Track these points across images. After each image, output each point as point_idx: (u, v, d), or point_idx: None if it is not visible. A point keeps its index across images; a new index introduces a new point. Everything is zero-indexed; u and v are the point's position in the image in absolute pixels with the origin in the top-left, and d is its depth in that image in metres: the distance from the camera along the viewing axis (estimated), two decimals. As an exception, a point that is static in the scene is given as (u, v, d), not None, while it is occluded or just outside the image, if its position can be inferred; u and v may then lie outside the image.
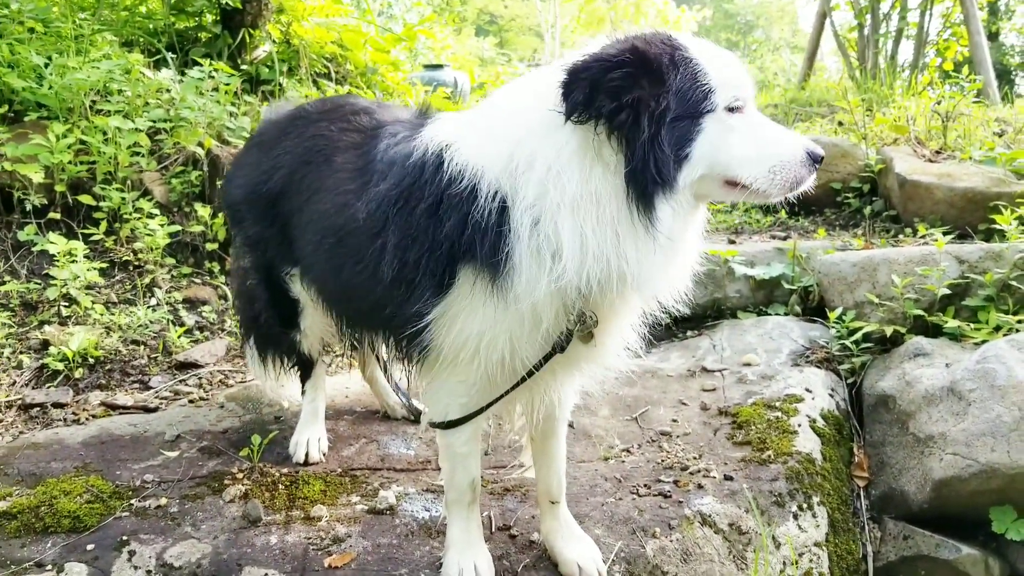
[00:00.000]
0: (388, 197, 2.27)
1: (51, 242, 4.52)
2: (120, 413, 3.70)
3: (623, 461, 3.33)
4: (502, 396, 2.32)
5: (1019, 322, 3.71)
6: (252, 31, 7.07)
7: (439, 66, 11.43)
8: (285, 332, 3.26)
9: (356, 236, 2.39)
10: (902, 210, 5.78)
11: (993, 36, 18.24)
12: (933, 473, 3.24)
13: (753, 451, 3.36)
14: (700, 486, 3.08)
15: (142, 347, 4.27)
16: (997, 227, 4.56)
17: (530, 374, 2.25)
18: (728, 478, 3.16)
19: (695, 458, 3.33)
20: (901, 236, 5.45)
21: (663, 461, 3.31)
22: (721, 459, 3.32)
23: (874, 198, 6.29)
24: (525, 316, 2.09)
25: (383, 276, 2.26)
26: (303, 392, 3.39)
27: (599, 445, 3.46)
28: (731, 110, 1.99)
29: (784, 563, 2.94)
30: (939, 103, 6.79)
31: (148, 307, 4.54)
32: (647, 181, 1.90)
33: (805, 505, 3.14)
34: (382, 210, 2.28)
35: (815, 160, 2.03)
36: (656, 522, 2.84)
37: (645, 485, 3.10)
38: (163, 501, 2.89)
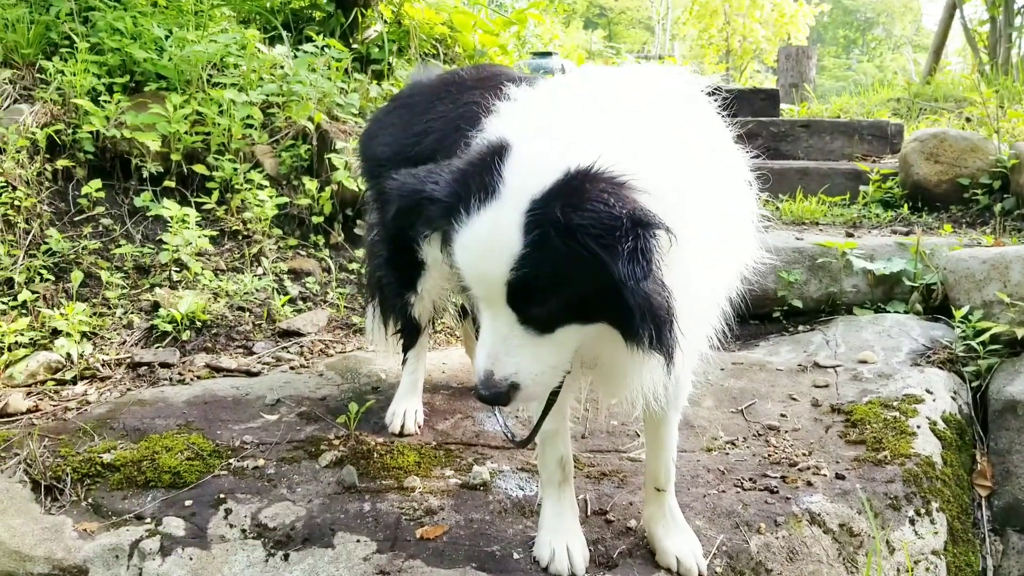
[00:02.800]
0: None
1: (165, 208, 4.63)
2: (224, 375, 3.76)
3: (727, 453, 3.19)
4: (551, 401, 2.21)
5: None
6: (364, 11, 7.12)
7: (548, 54, 11.35)
8: (400, 294, 3.24)
9: None
10: (1036, 208, 5.40)
11: None
12: (1068, 486, 2.98)
13: (868, 451, 3.17)
14: (809, 483, 2.92)
15: (247, 314, 4.34)
16: None
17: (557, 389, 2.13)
18: (840, 477, 2.98)
19: (804, 455, 3.16)
20: (1035, 236, 5.09)
21: (770, 456, 3.15)
22: (832, 457, 3.14)
23: (1005, 195, 5.89)
24: None
25: None
26: (404, 362, 3.36)
27: (702, 436, 3.33)
28: None
29: (898, 570, 2.76)
30: (1083, 96, 6.33)
31: (255, 276, 4.61)
32: None
33: (923, 510, 2.93)
34: None
35: (480, 396, 1.88)
36: (761, 517, 2.70)
37: (750, 479, 2.95)
38: (260, 462, 2.90)
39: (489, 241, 1.76)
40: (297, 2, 7.74)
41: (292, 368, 3.85)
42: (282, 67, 5.86)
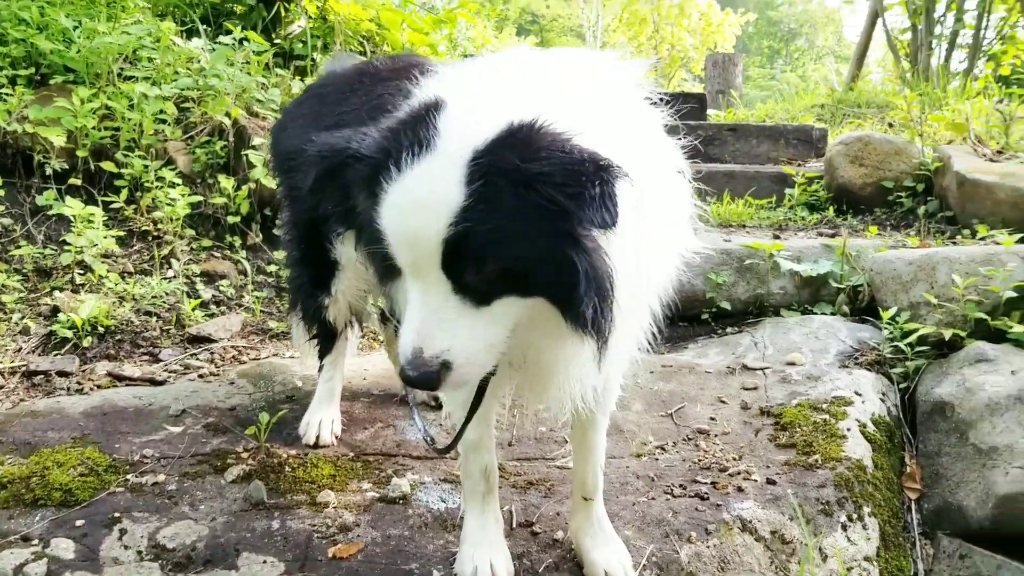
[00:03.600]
0: None
1: (68, 207, 4.36)
2: (126, 385, 3.52)
3: (656, 459, 3.09)
4: (476, 401, 2.06)
5: (1094, 329, 3.42)
6: (287, 5, 6.91)
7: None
8: (313, 295, 3.06)
9: None
10: (959, 211, 5.47)
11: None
12: (996, 487, 2.96)
13: (798, 454, 3.11)
14: (740, 489, 2.83)
15: (155, 319, 4.10)
16: (1065, 230, 4.26)
17: (480, 390, 2.00)
18: (771, 482, 2.90)
19: (735, 459, 3.08)
20: (959, 238, 5.13)
21: (700, 461, 3.07)
22: (763, 461, 3.07)
23: (929, 198, 5.97)
24: None
25: None
26: (320, 368, 3.19)
27: (631, 441, 3.22)
28: None
29: (831, 577, 2.69)
30: (1001, 101, 6.45)
31: (164, 278, 4.37)
32: None
33: (855, 515, 2.87)
34: None
35: (407, 378, 1.67)
36: (692, 525, 2.60)
37: (680, 485, 2.86)
38: (161, 478, 2.69)
39: (424, 195, 1.59)
40: (218, -6, 7.47)
41: (201, 376, 3.63)
42: (199, 61, 5.61)
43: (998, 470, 2.99)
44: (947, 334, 3.69)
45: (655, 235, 1.87)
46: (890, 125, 8.26)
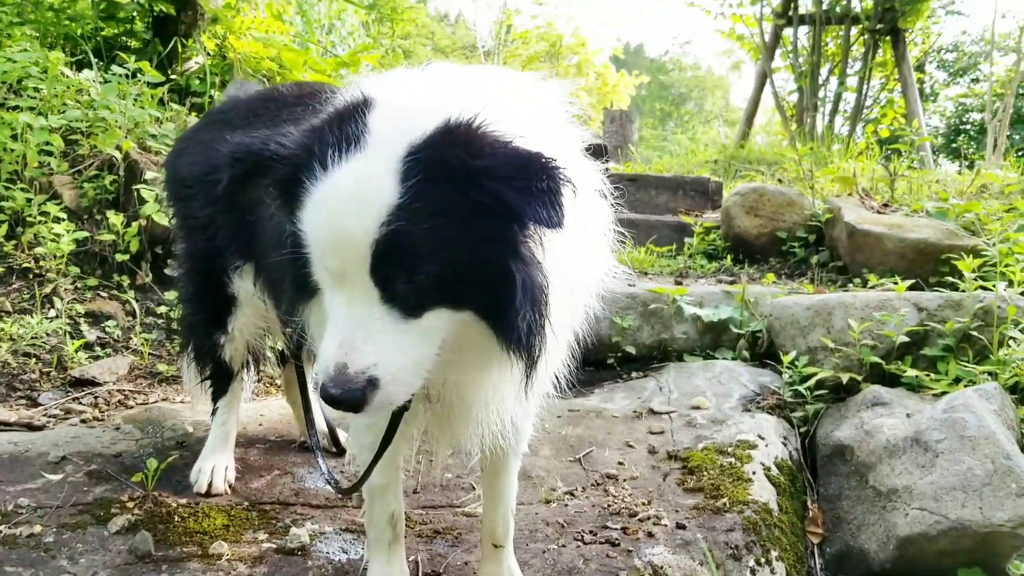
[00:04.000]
0: None
1: (-62, 240, 4.07)
2: (1, 430, 3.25)
3: (566, 504, 3.03)
4: (384, 446, 1.97)
5: (981, 373, 3.55)
6: (185, 41, 6.72)
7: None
8: (208, 333, 2.89)
9: None
10: (850, 260, 5.68)
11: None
12: (897, 529, 3.00)
13: (706, 498, 3.09)
14: (650, 534, 2.79)
15: (34, 360, 3.82)
16: (949, 280, 4.45)
17: (393, 423, 1.91)
18: (680, 527, 2.87)
19: (644, 504, 3.04)
20: (850, 286, 5.32)
21: (609, 506, 3.02)
22: (672, 506, 3.04)
23: (820, 248, 6.19)
24: None
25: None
26: (214, 411, 3.01)
27: (540, 487, 3.15)
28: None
29: (741, 623, 2.66)
30: (887, 158, 6.78)
31: (45, 318, 4.10)
32: None
33: (763, 559, 2.86)
34: None
35: (330, 397, 1.52)
36: (603, 573, 2.54)
37: (591, 532, 2.80)
38: (37, 529, 2.47)
39: (354, 193, 1.49)
40: (110, 29, 7.22)
41: (84, 421, 3.38)
42: (89, 93, 5.37)
43: (898, 512, 3.04)
44: (844, 378, 3.78)
45: (585, 251, 1.82)
46: (779, 180, 8.58)
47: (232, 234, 2.61)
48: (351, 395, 1.49)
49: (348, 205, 1.49)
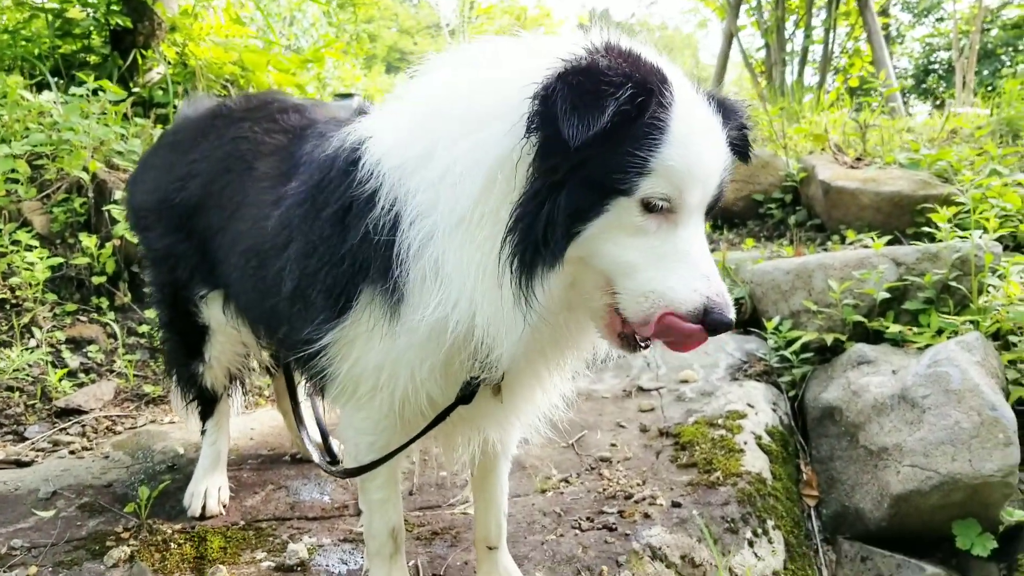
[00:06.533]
0: (296, 198, 1.97)
1: (-90, 280, 4.02)
2: (-11, 470, 3.23)
3: (562, 492, 3.04)
4: (410, 442, 2.00)
5: (962, 324, 3.57)
6: (144, 52, 6.62)
7: (349, 95, 11.04)
8: (186, 364, 2.88)
9: (271, 253, 2.07)
10: (827, 218, 5.69)
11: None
12: (890, 488, 3.03)
13: (700, 473, 3.11)
14: (647, 515, 2.81)
15: (18, 393, 3.80)
16: (926, 231, 4.46)
17: (437, 421, 1.93)
18: (676, 504, 2.89)
19: (639, 484, 3.06)
20: (828, 244, 5.33)
21: (605, 490, 3.03)
22: (667, 484, 3.06)
23: (797, 207, 6.19)
24: (421, 351, 1.76)
25: (284, 288, 1.94)
26: (203, 432, 3.00)
27: (535, 476, 3.17)
28: (650, 207, 1.54)
29: (743, 596, 2.68)
30: (857, 109, 6.78)
31: (26, 349, 4.07)
32: (528, 243, 1.52)
33: (760, 530, 2.89)
34: (289, 213, 1.98)
35: (710, 324, 1.54)
36: (603, 559, 2.56)
37: (588, 518, 2.81)
38: (33, 570, 2.47)
39: (713, 130, 1.61)
40: (68, 47, 7.11)
41: (73, 452, 3.36)
42: (51, 115, 5.30)
43: (890, 470, 3.07)
44: (828, 339, 3.80)
45: None
46: (753, 140, 8.55)
47: (194, 264, 2.59)
48: (733, 318, 1.57)
49: (712, 141, 1.61)
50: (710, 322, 1.53)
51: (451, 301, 1.62)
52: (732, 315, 1.56)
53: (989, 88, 13.08)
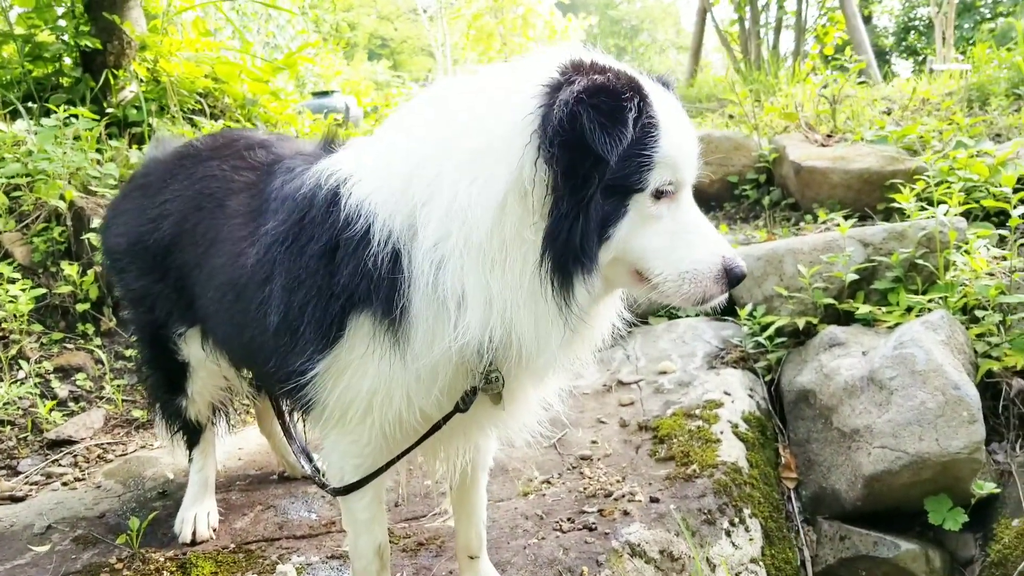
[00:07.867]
0: (276, 235, 2.02)
1: None
2: (-16, 507, 3.30)
3: (544, 494, 3.12)
4: (400, 456, 2.08)
5: (930, 301, 3.64)
6: (116, 72, 6.65)
7: (327, 93, 11.11)
8: (168, 399, 2.94)
9: (250, 288, 2.13)
10: (800, 197, 5.75)
11: (867, 19, 18.85)
12: (863, 468, 3.12)
13: (677, 466, 3.19)
14: (626, 512, 2.89)
15: (8, 427, 3.86)
16: (896, 206, 4.53)
17: (430, 433, 2.01)
18: (654, 500, 2.97)
19: (618, 481, 3.14)
20: (802, 223, 5.40)
21: (585, 489, 3.11)
22: (645, 479, 3.14)
23: (771, 188, 6.25)
24: (424, 373, 1.85)
25: (269, 323, 2.00)
26: (190, 460, 3.06)
27: (517, 479, 3.24)
28: (660, 194, 1.72)
29: (722, 585, 2.77)
30: (825, 87, 6.82)
31: (14, 381, 4.12)
32: (568, 256, 1.65)
33: (736, 519, 2.97)
34: (270, 251, 2.03)
35: (732, 280, 1.77)
36: (583, 560, 2.64)
37: (568, 519, 2.89)
38: (30, 608, 2.54)
39: (685, 118, 1.83)
40: (39, 70, 7.12)
41: (65, 484, 3.42)
42: (25, 144, 5.34)
43: (862, 451, 3.15)
44: (801, 323, 3.87)
45: None
46: (731, 117, 8.61)
47: (171, 302, 2.65)
48: (746, 266, 1.81)
49: (685, 120, 1.82)
50: (733, 278, 1.77)
51: (479, 323, 1.71)
52: (744, 264, 1.81)
53: (970, 42, 13.12)
